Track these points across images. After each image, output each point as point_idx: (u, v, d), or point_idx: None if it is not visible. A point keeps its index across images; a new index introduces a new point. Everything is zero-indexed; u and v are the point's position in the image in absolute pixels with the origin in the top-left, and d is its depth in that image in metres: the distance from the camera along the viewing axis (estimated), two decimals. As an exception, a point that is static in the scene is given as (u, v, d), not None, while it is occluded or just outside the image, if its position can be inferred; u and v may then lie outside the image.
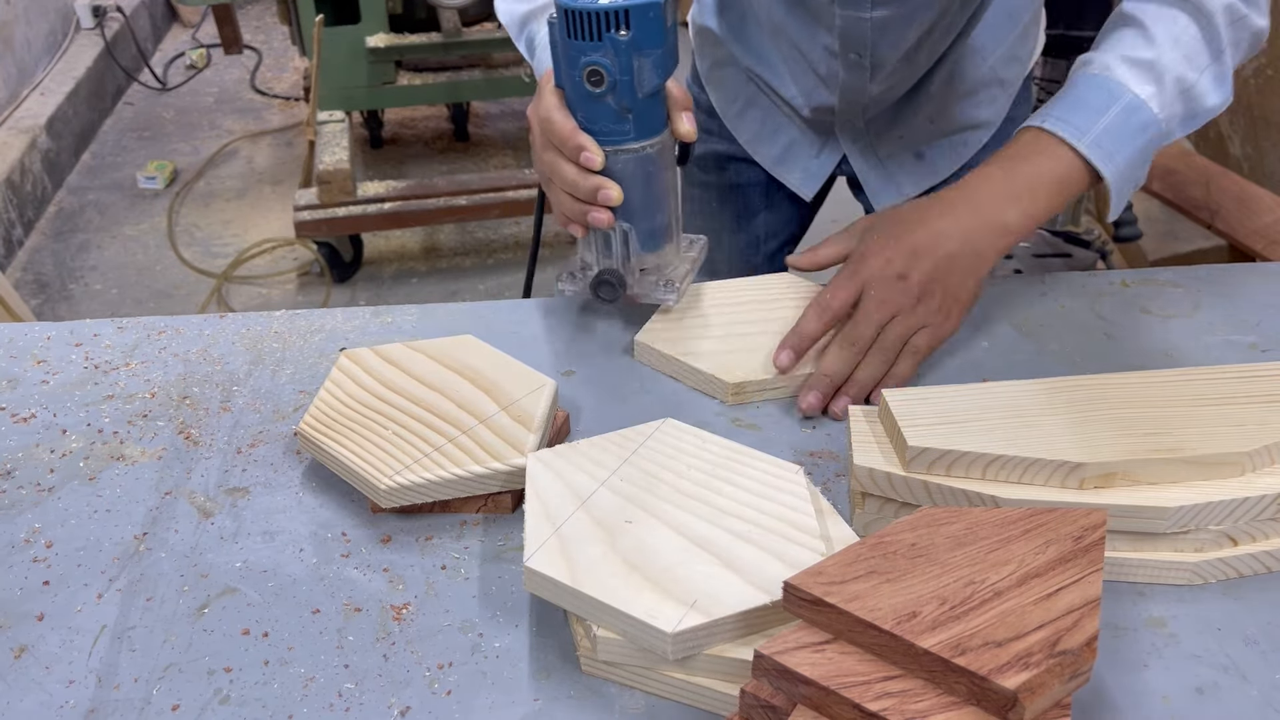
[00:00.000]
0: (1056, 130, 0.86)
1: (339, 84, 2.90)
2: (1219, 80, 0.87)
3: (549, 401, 0.78)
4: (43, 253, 3.03)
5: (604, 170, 0.82)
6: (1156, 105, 0.86)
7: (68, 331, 0.94)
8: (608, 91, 0.79)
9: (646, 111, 0.82)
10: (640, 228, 0.86)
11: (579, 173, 0.82)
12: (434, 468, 0.72)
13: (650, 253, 0.88)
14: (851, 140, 1.15)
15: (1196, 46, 0.86)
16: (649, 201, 0.85)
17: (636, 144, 0.82)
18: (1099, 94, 0.86)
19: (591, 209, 0.83)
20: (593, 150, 0.81)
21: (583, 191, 0.83)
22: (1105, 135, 0.85)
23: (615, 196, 0.82)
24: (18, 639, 0.65)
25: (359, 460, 0.73)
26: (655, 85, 0.80)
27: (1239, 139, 3.01)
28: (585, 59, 0.78)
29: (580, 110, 0.82)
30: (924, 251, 0.84)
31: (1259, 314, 0.95)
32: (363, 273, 2.91)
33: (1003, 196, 0.86)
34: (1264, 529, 0.68)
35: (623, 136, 0.82)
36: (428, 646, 0.65)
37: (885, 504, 0.71)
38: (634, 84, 0.79)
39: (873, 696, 0.52)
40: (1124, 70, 0.86)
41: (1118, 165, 0.86)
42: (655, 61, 0.79)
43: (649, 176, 0.84)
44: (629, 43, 0.77)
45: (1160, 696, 0.61)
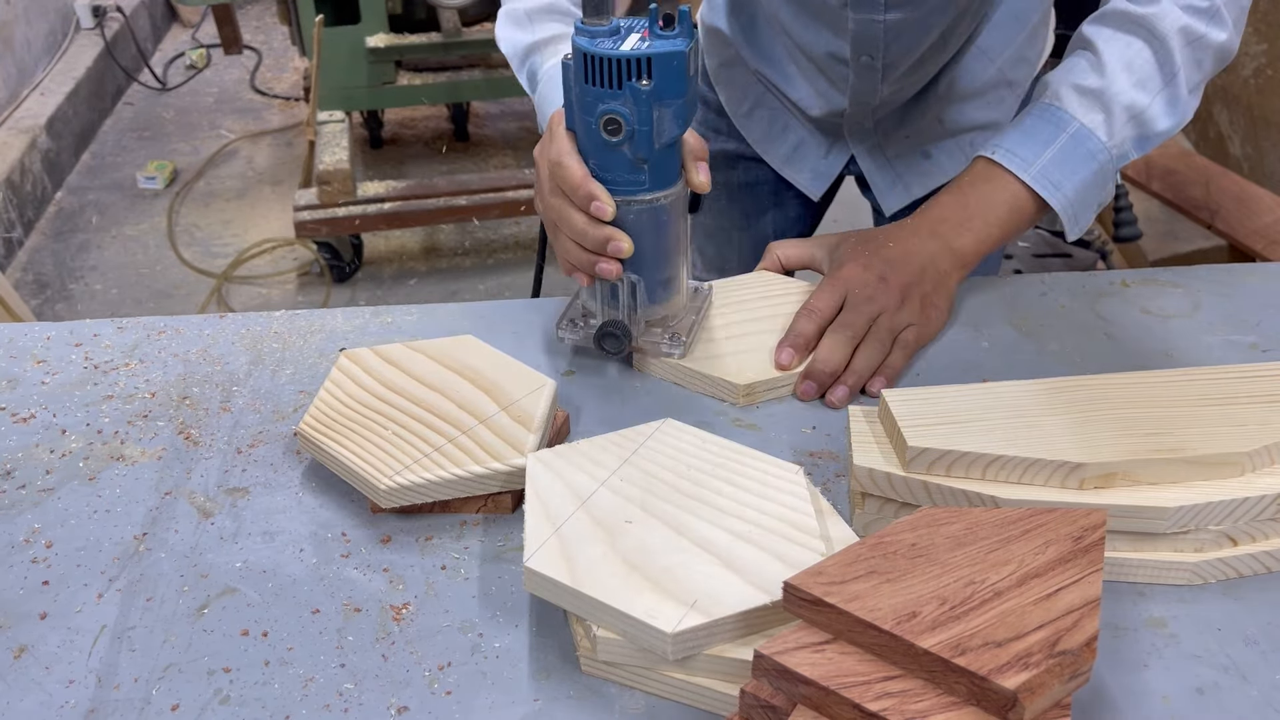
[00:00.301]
0: (1003, 162, 0.89)
1: (339, 84, 2.90)
2: (1171, 103, 0.89)
3: (549, 402, 0.78)
4: (43, 253, 3.03)
5: (615, 220, 0.80)
6: (1105, 133, 0.88)
7: (68, 331, 0.94)
8: (625, 140, 0.76)
9: (663, 162, 0.79)
10: (649, 280, 0.83)
11: (588, 222, 0.79)
12: (434, 468, 0.72)
13: (657, 305, 0.85)
14: (860, 141, 1.16)
15: (1149, 71, 0.88)
16: (659, 253, 0.83)
17: (650, 195, 0.80)
18: (1046, 125, 0.89)
19: (600, 260, 0.81)
20: (604, 200, 0.78)
21: (591, 242, 0.80)
22: (1052, 165, 0.88)
23: (626, 249, 0.79)
24: (18, 639, 0.65)
25: (359, 460, 0.73)
26: (674, 136, 0.78)
27: (1239, 139, 3.01)
28: (603, 106, 0.75)
29: (593, 157, 0.79)
30: (898, 261, 0.88)
31: (1259, 314, 0.95)
32: (363, 273, 2.91)
33: (956, 223, 0.90)
34: (1264, 529, 0.68)
35: (637, 187, 0.79)
36: (427, 646, 0.65)
37: (885, 504, 0.71)
38: (652, 135, 0.76)
39: (873, 696, 0.52)
40: (1073, 99, 0.89)
41: (1065, 194, 0.88)
42: (676, 111, 0.76)
43: (661, 227, 0.82)
44: (650, 92, 0.74)
45: (1160, 696, 0.61)
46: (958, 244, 0.90)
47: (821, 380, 0.84)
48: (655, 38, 0.75)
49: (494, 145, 3.56)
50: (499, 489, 0.73)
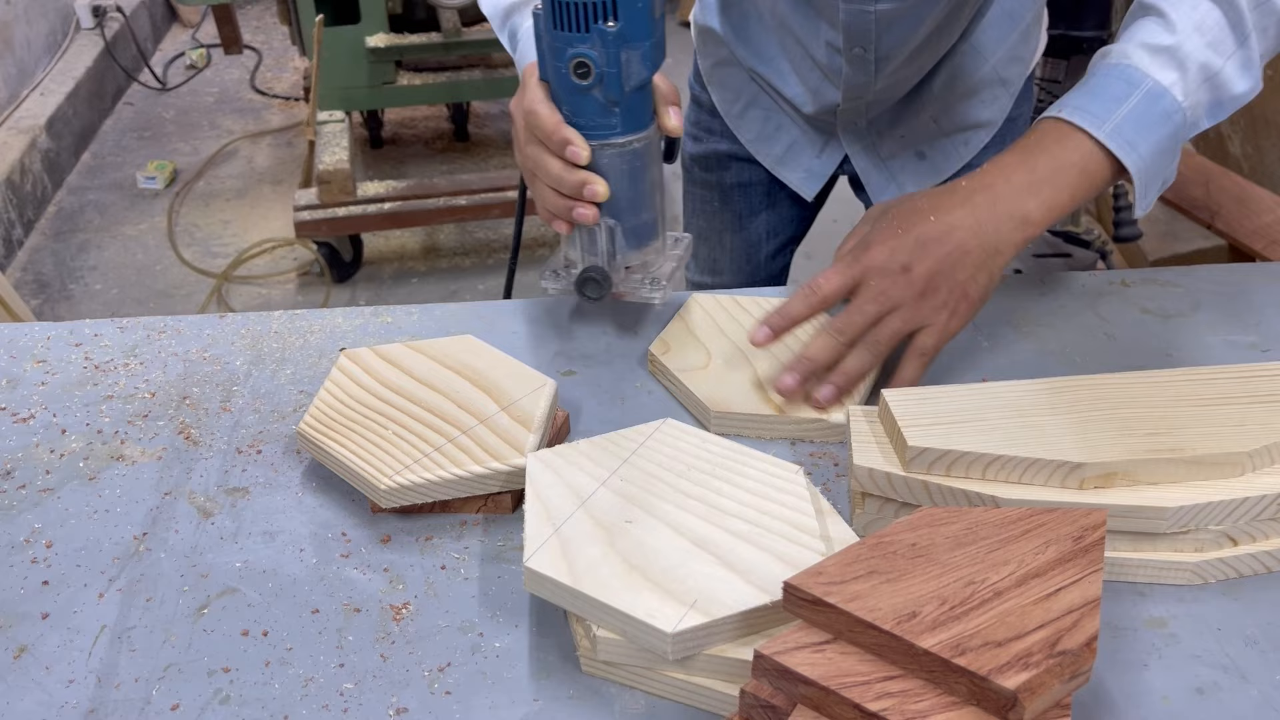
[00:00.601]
0: (1074, 119, 0.81)
1: (339, 84, 2.90)
2: (1246, 66, 0.83)
3: (549, 401, 0.78)
4: (43, 253, 3.03)
5: (590, 165, 0.81)
6: (1180, 92, 0.81)
7: (68, 331, 0.94)
8: (594, 84, 0.78)
9: (634, 105, 0.80)
10: (626, 224, 0.85)
11: (564, 167, 0.81)
12: (434, 468, 0.72)
13: (636, 250, 0.86)
14: (853, 140, 1.15)
15: (1221, 32, 0.82)
16: (635, 198, 0.84)
17: (623, 138, 0.81)
18: (1118, 82, 0.82)
19: (577, 205, 0.82)
20: (579, 144, 0.79)
21: (568, 186, 0.81)
22: (1126, 123, 0.81)
23: (602, 192, 0.81)
24: (18, 639, 0.65)
25: (359, 460, 0.73)
26: (643, 78, 0.79)
27: (1239, 139, 3.01)
28: (572, 50, 0.77)
29: (566, 104, 0.80)
30: (932, 243, 0.80)
31: (1259, 314, 0.95)
32: (363, 273, 2.91)
33: (1022, 187, 0.82)
34: (1264, 529, 0.68)
35: (609, 131, 0.81)
36: (427, 647, 0.65)
37: (885, 504, 0.71)
38: (621, 77, 0.78)
39: (873, 696, 0.52)
40: (1144, 57, 0.82)
41: (1141, 155, 0.81)
42: (644, 54, 0.78)
43: (636, 172, 0.83)
44: (616, 34, 0.76)
45: (1160, 696, 0.61)
46: (1024, 209, 0.81)
47: (803, 373, 0.80)
48: None
49: (494, 145, 3.56)
50: (499, 489, 0.73)
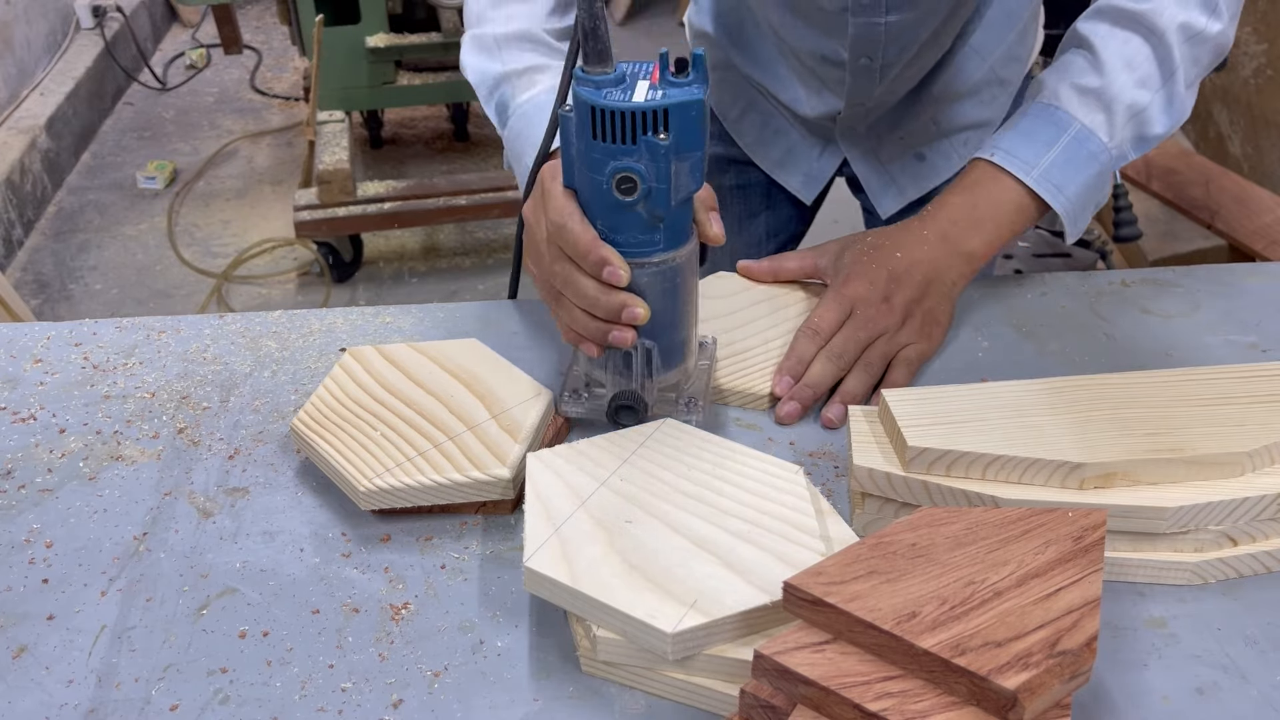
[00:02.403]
0: (1005, 165, 0.88)
1: (339, 84, 2.90)
2: (1169, 102, 0.88)
3: (541, 412, 0.77)
4: (42, 253, 3.03)
5: (628, 285, 0.73)
6: (1105, 134, 0.87)
7: (67, 331, 0.94)
8: (639, 200, 0.69)
9: (678, 219, 0.72)
10: (663, 344, 0.76)
11: (600, 289, 0.72)
12: (414, 473, 0.72)
13: (671, 370, 0.78)
14: (852, 144, 1.15)
15: (1148, 68, 0.86)
16: (674, 316, 0.76)
17: (665, 255, 0.73)
18: (1047, 126, 0.87)
19: (614, 328, 0.74)
20: (619, 265, 0.71)
21: (604, 309, 0.73)
22: (1054, 168, 0.87)
23: (643, 315, 0.72)
24: (18, 639, 0.65)
25: (343, 460, 0.73)
26: (691, 191, 0.71)
27: (1239, 139, 3.01)
28: (615, 164, 0.68)
29: (601, 218, 0.71)
30: (904, 276, 0.86)
31: (1259, 314, 0.95)
32: (363, 273, 2.91)
33: (967, 226, 0.88)
34: (1264, 529, 0.68)
35: (651, 248, 0.72)
36: (427, 647, 0.65)
37: (885, 504, 0.71)
38: (670, 192, 0.69)
39: (873, 696, 0.52)
40: (1073, 99, 0.87)
41: (1068, 196, 0.87)
42: (694, 165, 0.69)
43: (676, 289, 0.74)
44: (668, 147, 0.67)
45: (1160, 696, 0.61)
46: (968, 247, 0.88)
47: (805, 402, 0.83)
48: (668, 85, 0.68)
49: (494, 145, 3.55)
50: (479, 498, 0.73)
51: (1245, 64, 2.92)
